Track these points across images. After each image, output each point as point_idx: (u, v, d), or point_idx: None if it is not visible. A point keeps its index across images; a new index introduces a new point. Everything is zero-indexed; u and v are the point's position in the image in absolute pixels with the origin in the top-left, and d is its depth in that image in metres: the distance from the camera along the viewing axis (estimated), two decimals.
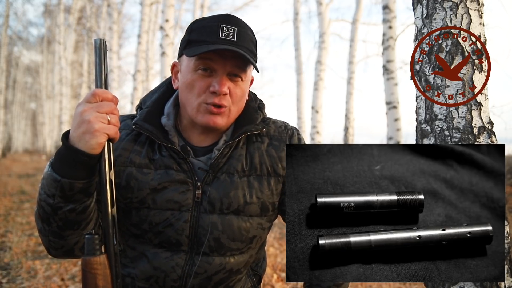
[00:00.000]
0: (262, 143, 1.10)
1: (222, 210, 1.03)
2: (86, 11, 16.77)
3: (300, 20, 9.95)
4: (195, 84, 1.00)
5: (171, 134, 1.06)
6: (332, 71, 25.31)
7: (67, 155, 0.83)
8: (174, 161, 1.03)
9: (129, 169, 1.03)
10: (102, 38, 0.85)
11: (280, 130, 1.13)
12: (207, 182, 1.03)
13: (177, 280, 1.02)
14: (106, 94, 0.83)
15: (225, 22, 0.99)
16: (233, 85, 1.01)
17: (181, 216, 1.01)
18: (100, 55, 0.82)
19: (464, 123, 1.18)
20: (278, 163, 1.08)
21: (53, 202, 0.86)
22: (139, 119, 1.05)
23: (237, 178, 1.05)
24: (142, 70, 9.10)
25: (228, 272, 1.06)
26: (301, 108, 9.72)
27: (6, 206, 7.07)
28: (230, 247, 1.04)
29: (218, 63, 0.98)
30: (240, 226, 1.04)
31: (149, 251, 1.03)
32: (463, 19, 1.20)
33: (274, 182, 1.08)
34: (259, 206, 1.06)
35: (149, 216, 1.01)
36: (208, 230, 1.02)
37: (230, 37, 0.97)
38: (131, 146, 1.05)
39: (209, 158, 1.06)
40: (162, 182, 1.01)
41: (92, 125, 0.80)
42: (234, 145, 1.07)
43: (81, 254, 0.83)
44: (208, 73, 0.99)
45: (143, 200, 1.01)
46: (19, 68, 26.70)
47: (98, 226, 0.99)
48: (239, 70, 1.00)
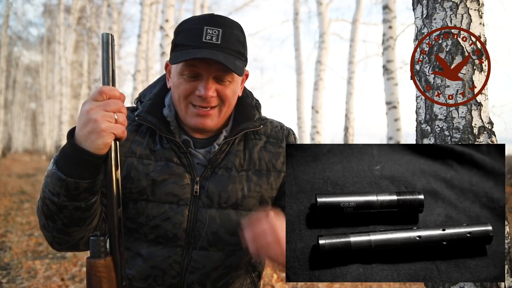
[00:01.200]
0: (260, 140, 1.12)
1: (220, 204, 1.03)
2: (86, 11, 16.76)
3: (300, 20, 9.95)
4: (181, 87, 1.01)
5: (172, 125, 1.07)
6: (332, 71, 25.32)
7: (72, 154, 0.81)
8: (174, 154, 1.04)
9: (130, 159, 1.03)
10: (109, 32, 0.81)
11: (277, 130, 1.15)
12: (205, 177, 1.04)
13: (175, 277, 1.02)
14: (113, 92, 0.81)
15: (210, 24, 0.98)
16: (221, 87, 1.01)
17: (179, 210, 1.02)
18: (107, 50, 0.79)
19: (464, 123, 1.18)
20: (277, 158, 1.10)
21: (58, 201, 0.85)
22: (142, 111, 1.06)
23: (235, 173, 1.06)
24: (142, 70, 9.09)
25: (227, 268, 1.06)
26: (301, 108, 9.72)
27: (6, 206, 7.07)
28: (229, 242, 1.04)
29: (202, 68, 0.98)
30: (238, 220, 1.04)
31: (144, 250, 1.03)
32: (463, 19, 1.20)
33: (274, 177, 1.09)
34: (258, 200, 1.07)
35: (146, 208, 1.02)
36: (206, 224, 1.02)
37: (214, 39, 0.97)
38: (132, 136, 1.06)
39: (208, 151, 1.07)
40: (162, 174, 1.02)
41: (99, 125, 0.78)
42: (232, 141, 1.08)
43: (86, 248, 0.80)
44: (194, 78, 1.00)
45: (143, 191, 1.02)
46: (19, 68, 26.70)
47: (102, 220, 0.99)
48: (224, 74, 1.00)
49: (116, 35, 12.82)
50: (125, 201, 1.03)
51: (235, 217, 1.04)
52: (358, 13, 9.72)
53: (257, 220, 0.91)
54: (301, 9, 10.01)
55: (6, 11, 16.65)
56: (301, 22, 9.98)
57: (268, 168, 1.09)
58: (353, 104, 9.70)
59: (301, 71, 9.82)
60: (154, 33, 13.23)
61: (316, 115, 8.58)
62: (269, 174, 1.09)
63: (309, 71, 42.58)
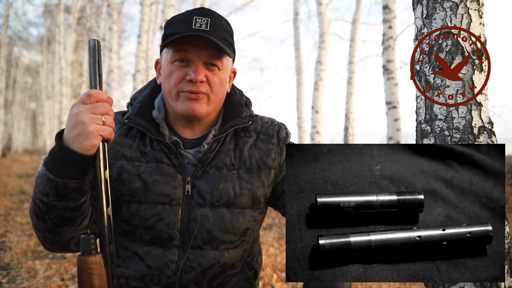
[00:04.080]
0: (250, 138, 1.13)
1: (213, 203, 1.04)
2: (86, 11, 16.76)
3: (300, 20, 9.94)
4: (172, 75, 1.03)
5: (162, 127, 1.08)
6: (332, 71, 25.29)
7: (61, 155, 0.84)
8: (165, 155, 1.05)
9: (120, 162, 1.05)
10: (96, 38, 0.85)
11: (267, 126, 1.16)
12: (197, 177, 1.05)
13: (171, 276, 1.03)
14: (101, 95, 0.84)
15: (199, 14, 1.02)
16: (210, 73, 1.03)
17: (172, 210, 1.03)
18: (94, 55, 0.83)
19: (464, 123, 1.18)
20: (268, 156, 1.11)
21: (48, 201, 0.87)
22: (131, 113, 1.07)
23: (226, 172, 1.07)
24: (142, 70, 9.09)
25: (223, 267, 1.06)
26: (301, 108, 9.71)
27: (6, 206, 7.07)
28: (223, 240, 1.05)
29: (192, 53, 1.01)
30: (231, 218, 1.05)
31: (141, 249, 1.04)
32: (463, 19, 1.19)
33: (265, 174, 1.10)
34: (250, 198, 1.07)
35: (139, 210, 1.03)
36: (198, 223, 1.03)
37: (203, 27, 1.00)
38: (122, 139, 1.07)
39: (198, 151, 1.08)
40: (153, 175, 1.03)
41: (87, 127, 0.81)
42: (222, 140, 1.09)
43: (77, 249, 0.83)
44: (185, 63, 1.02)
45: (134, 192, 1.03)
46: (19, 68, 26.69)
47: (93, 221, 1.00)
48: (214, 59, 1.03)
49: (116, 35, 12.82)
50: (118, 204, 1.04)
51: (228, 215, 1.05)
52: (358, 13, 9.71)
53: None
54: (301, 9, 10.01)
55: (6, 11, 16.65)
56: (301, 22, 9.97)
57: (259, 166, 1.10)
58: (353, 104, 9.69)
59: (301, 71, 9.82)
60: (154, 33, 13.22)
61: (316, 115, 8.58)
62: (260, 171, 1.09)
63: (309, 71, 42.57)
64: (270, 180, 1.11)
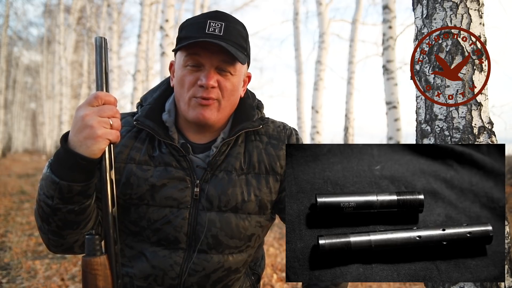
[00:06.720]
0: (261, 142, 1.10)
1: (220, 208, 1.03)
2: (86, 11, 16.76)
3: (299, 20, 9.94)
4: (185, 79, 1.01)
5: (171, 131, 1.06)
6: (332, 71, 25.28)
7: (66, 158, 0.82)
8: (173, 158, 1.04)
9: (129, 165, 1.04)
10: (103, 36, 0.84)
11: (279, 130, 1.14)
12: (205, 180, 1.04)
13: (175, 278, 1.02)
14: (108, 97, 0.82)
15: (213, 17, 1.00)
16: (222, 78, 1.02)
17: (180, 213, 1.02)
18: (100, 54, 0.81)
19: (464, 123, 1.18)
20: (277, 162, 1.09)
21: (52, 203, 0.86)
22: (140, 115, 1.06)
23: (235, 176, 1.05)
24: (142, 70, 9.09)
25: (227, 271, 1.06)
26: (301, 108, 9.71)
27: (6, 206, 7.07)
28: (229, 245, 1.04)
29: (205, 58, 0.99)
30: (238, 223, 1.04)
31: (147, 249, 1.03)
32: (463, 19, 1.19)
33: (272, 181, 1.08)
34: (257, 204, 1.06)
35: (147, 213, 1.02)
36: (205, 227, 1.02)
37: (217, 31, 0.98)
38: (131, 143, 1.06)
39: (207, 155, 1.06)
40: (161, 179, 1.02)
41: (95, 131, 0.79)
42: (232, 143, 1.07)
43: (81, 251, 0.82)
44: (197, 68, 1.01)
45: (142, 196, 1.02)
46: (19, 68, 26.69)
47: (98, 224, 0.99)
48: (227, 64, 1.01)
49: (116, 35, 12.82)
50: (126, 206, 1.03)
51: (234, 220, 1.04)
52: (357, 13, 9.71)
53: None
54: (300, 9, 10.00)
55: (6, 11, 16.64)
56: (300, 22, 9.97)
57: (267, 171, 1.08)
58: (353, 104, 9.69)
59: (301, 71, 9.82)
60: (154, 33, 13.23)
61: (316, 115, 8.57)
62: (268, 177, 1.08)
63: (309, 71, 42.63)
64: (277, 187, 1.09)
